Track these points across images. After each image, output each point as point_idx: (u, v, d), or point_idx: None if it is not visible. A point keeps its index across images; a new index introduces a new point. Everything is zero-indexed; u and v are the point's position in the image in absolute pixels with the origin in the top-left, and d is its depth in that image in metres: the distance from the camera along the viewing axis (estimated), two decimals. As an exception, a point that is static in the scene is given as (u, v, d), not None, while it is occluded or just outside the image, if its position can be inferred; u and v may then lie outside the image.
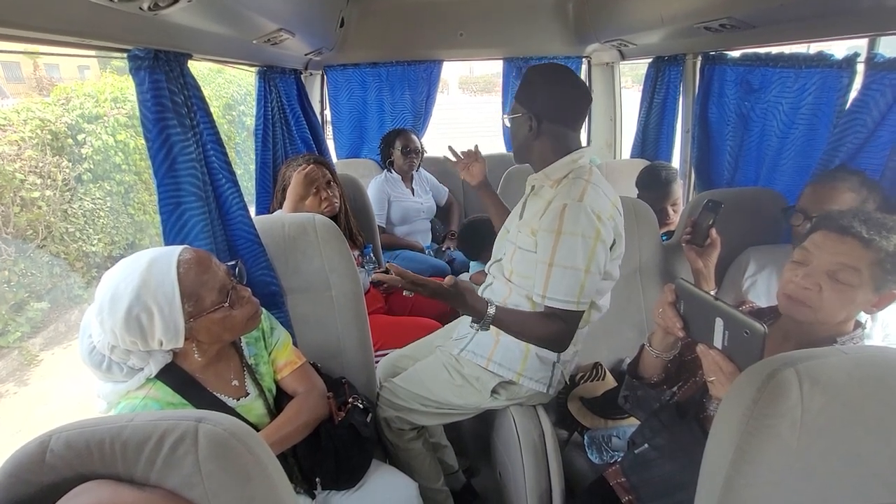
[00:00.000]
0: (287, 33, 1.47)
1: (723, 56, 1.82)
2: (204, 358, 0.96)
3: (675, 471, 0.93)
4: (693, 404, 0.95)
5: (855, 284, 0.82)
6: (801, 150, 1.51)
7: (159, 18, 0.87)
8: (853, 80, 1.32)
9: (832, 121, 1.37)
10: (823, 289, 0.84)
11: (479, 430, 1.71)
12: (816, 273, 0.85)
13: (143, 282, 0.84)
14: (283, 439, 1.02)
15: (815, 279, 0.85)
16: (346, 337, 1.37)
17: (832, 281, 0.83)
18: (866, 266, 0.81)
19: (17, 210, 3.75)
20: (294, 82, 2.07)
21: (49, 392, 3.46)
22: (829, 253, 0.84)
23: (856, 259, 0.81)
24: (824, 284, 0.84)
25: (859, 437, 0.62)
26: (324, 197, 1.63)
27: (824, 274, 0.84)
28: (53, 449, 0.55)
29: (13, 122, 3.83)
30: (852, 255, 0.82)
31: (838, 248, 0.83)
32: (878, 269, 0.80)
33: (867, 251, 0.81)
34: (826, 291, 0.84)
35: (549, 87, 1.14)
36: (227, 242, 1.23)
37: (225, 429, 0.56)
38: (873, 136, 1.23)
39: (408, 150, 2.47)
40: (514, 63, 2.69)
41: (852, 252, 0.82)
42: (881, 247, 0.80)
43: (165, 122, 1.01)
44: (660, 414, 0.98)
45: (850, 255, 0.82)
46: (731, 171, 1.85)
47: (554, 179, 1.16)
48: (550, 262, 1.07)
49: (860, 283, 0.81)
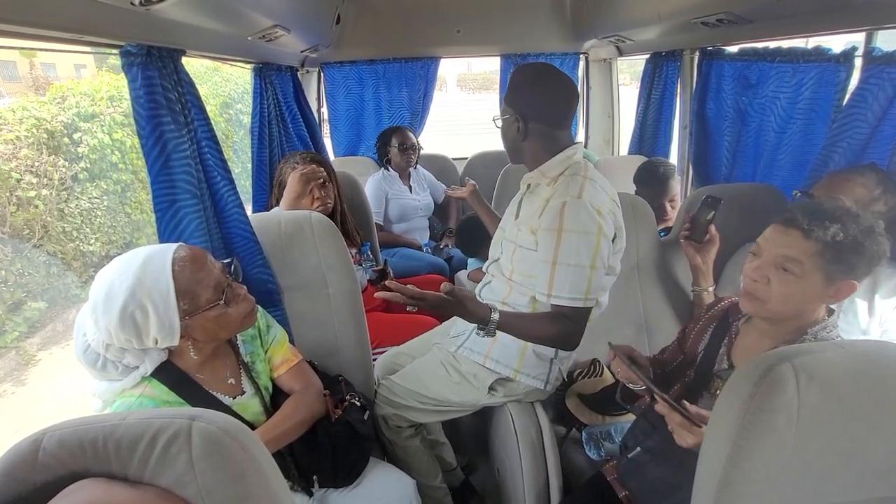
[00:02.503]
0: (282, 30, 1.46)
1: (720, 51, 1.82)
2: (200, 356, 0.96)
3: (669, 472, 0.93)
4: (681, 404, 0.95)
5: (799, 275, 0.83)
6: (799, 145, 1.51)
7: (151, 14, 0.87)
8: (851, 74, 1.32)
9: (830, 115, 1.37)
10: (771, 281, 0.86)
11: (476, 426, 1.72)
12: (765, 266, 0.87)
13: (138, 279, 0.83)
14: (280, 437, 1.02)
15: (764, 272, 0.87)
16: (343, 334, 1.37)
17: (779, 272, 0.85)
18: (808, 257, 0.82)
19: (14, 209, 3.73)
20: (290, 80, 2.06)
21: (47, 392, 3.46)
22: (775, 245, 0.87)
23: (798, 251, 0.83)
24: (772, 277, 0.86)
25: (855, 431, 0.61)
26: (317, 196, 1.63)
27: (772, 266, 0.86)
28: (46, 447, 0.55)
29: (9, 121, 3.81)
30: (795, 247, 0.84)
31: (783, 241, 0.85)
32: (820, 259, 0.82)
33: (808, 242, 0.82)
34: (774, 284, 0.86)
35: (533, 87, 1.14)
36: (222, 240, 1.22)
37: (219, 427, 0.56)
38: (874, 130, 1.22)
39: (405, 147, 2.47)
40: (511, 60, 2.69)
41: (795, 244, 0.84)
42: (819, 237, 0.82)
43: (159, 119, 1.00)
44: (648, 415, 0.99)
45: (793, 246, 0.84)
46: (729, 166, 1.85)
47: (550, 177, 1.16)
48: (554, 261, 1.06)
49: (803, 273, 0.83)
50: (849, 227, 0.81)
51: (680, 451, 0.88)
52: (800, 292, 0.84)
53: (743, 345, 0.97)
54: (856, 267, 0.82)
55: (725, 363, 0.97)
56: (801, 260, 0.83)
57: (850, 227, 0.81)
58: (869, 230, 0.82)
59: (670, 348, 1.15)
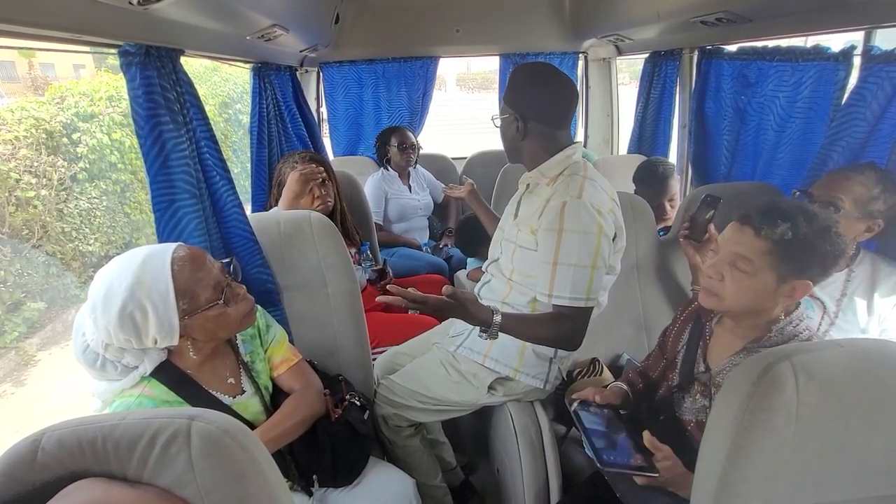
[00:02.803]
0: (281, 29, 1.46)
1: (719, 50, 1.82)
2: (199, 356, 0.96)
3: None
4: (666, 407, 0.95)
5: (749, 273, 0.84)
6: (798, 143, 1.51)
7: (150, 13, 0.87)
8: (850, 73, 1.32)
9: (829, 114, 1.37)
10: (725, 278, 0.87)
11: (476, 426, 1.72)
12: (720, 263, 0.89)
13: (137, 279, 0.83)
14: (280, 437, 1.02)
15: (719, 269, 0.89)
16: (342, 334, 1.36)
17: (732, 270, 0.86)
18: (758, 255, 0.83)
19: (13, 210, 3.73)
20: (289, 79, 2.06)
21: (46, 392, 3.45)
22: (729, 243, 0.88)
23: (748, 248, 0.84)
24: (726, 274, 0.87)
25: (854, 429, 0.62)
26: (317, 195, 1.63)
27: (726, 263, 0.87)
28: (45, 447, 0.55)
29: (7, 121, 3.81)
30: (746, 245, 0.85)
31: (737, 238, 0.87)
32: (770, 257, 0.83)
33: (758, 240, 0.83)
34: (727, 280, 0.87)
35: (533, 87, 1.13)
36: (221, 240, 1.22)
37: (218, 426, 0.56)
38: (873, 129, 1.22)
39: (404, 147, 2.47)
40: (510, 59, 2.68)
41: (747, 242, 0.85)
42: (769, 236, 0.82)
43: (158, 119, 1.00)
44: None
45: (744, 244, 0.85)
46: (728, 165, 1.85)
47: (549, 177, 1.15)
48: (555, 261, 1.06)
49: (754, 271, 0.84)
50: (800, 227, 0.81)
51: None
52: (751, 289, 0.85)
53: (716, 346, 0.98)
54: (809, 267, 0.83)
55: (702, 366, 0.98)
56: (752, 258, 0.84)
57: (802, 226, 0.81)
58: (823, 230, 0.82)
59: (653, 353, 1.15)
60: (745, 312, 0.90)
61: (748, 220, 0.86)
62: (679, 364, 1.02)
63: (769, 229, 0.83)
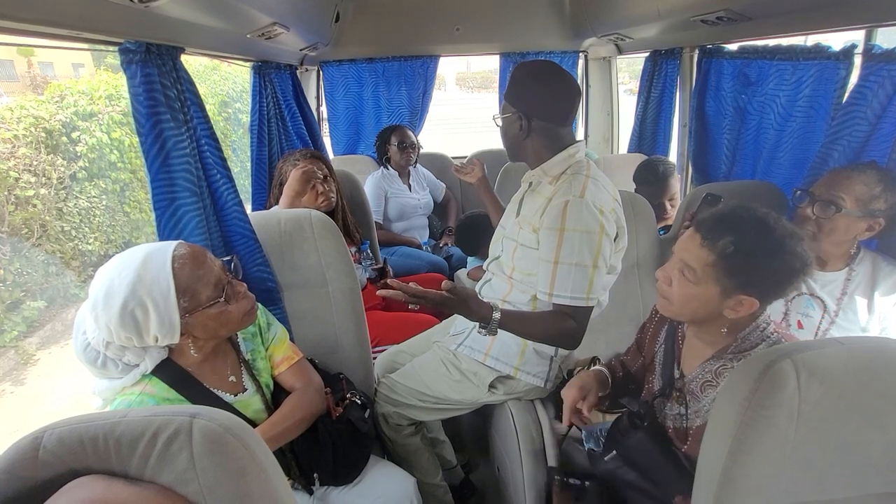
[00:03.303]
0: (281, 27, 1.45)
1: (720, 49, 1.82)
2: (200, 354, 0.96)
3: (637, 479, 0.94)
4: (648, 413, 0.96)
5: (692, 281, 0.84)
6: (799, 142, 1.51)
7: (150, 11, 0.86)
8: (850, 72, 1.32)
9: (830, 113, 1.37)
10: (673, 283, 0.87)
11: (477, 424, 1.72)
12: (670, 267, 0.89)
13: (138, 277, 0.83)
14: (280, 435, 1.02)
15: (668, 273, 0.89)
16: (343, 333, 1.36)
17: (679, 276, 0.86)
18: (701, 266, 0.82)
19: (12, 208, 3.72)
20: (289, 78, 2.05)
21: (46, 391, 3.45)
22: (679, 248, 0.88)
23: (693, 257, 0.84)
24: (674, 279, 0.87)
25: (856, 427, 0.62)
26: (320, 191, 1.62)
27: (676, 269, 0.87)
28: (46, 445, 0.54)
29: (6, 120, 3.80)
30: (691, 253, 0.84)
31: (685, 245, 0.86)
32: (713, 270, 0.81)
33: (702, 251, 0.82)
34: (674, 285, 0.87)
35: (537, 85, 1.13)
36: (222, 238, 1.22)
37: (220, 424, 0.56)
38: (874, 128, 1.22)
39: (404, 146, 2.47)
40: (510, 58, 2.68)
41: (693, 250, 0.84)
42: (712, 248, 0.81)
43: (158, 117, 1.00)
44: (618, 423, 0.99)
45: (690, 252, 0.84)
46: (729, 164, 1.85)
47: (552, 176, 1.15)
48: (556, 260, 1.06)
49: (697, 280, 0.83)
50: (745, 241, 0.78)
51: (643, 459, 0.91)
52: (695, 298, 0.85)
53: (688, 351, 0.97)
54: (754, 284, 0.80)
55: (677, 371, 0.98)
56: (695, 268, 0.83)
57: (749, 240, 0.78)
58: (775, 247, 0.77)
59: (631, 349, 1.16)
60: (693, 318, 0.89)
61: (697, 230, 0.84)
62: (658, 367, 1.02)
63: (712, 241, 0.81)
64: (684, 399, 0.91)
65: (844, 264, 1.20)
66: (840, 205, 1.11)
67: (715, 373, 0.87)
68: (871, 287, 1.17)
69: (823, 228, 1.15)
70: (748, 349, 0.85)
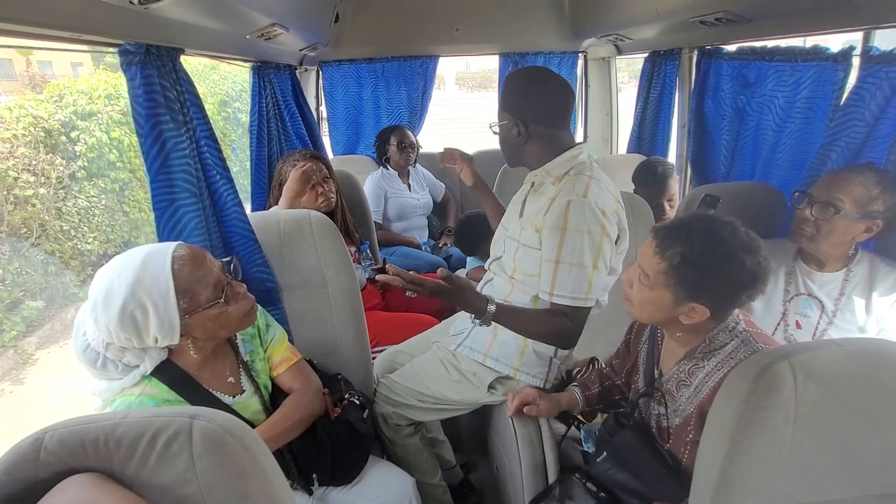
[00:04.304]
0: (281, 28, 1.46)
1: (719, 50, 1.82)
2: (199, 355, 0.96)
3: (628, 479, 0.95)
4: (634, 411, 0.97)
5: (647, 286, 0.86)
6: (797, 144, 1.51)
7: (150, 12, 0.86)
8: (849, 73, 1.32)
9: (828, 114, 1.37)
10: (633, 287, 0.89)
11: (476, 425, 1.72)
12: (632, 270, 0.91)
13: (138, 278, 0.83)
14: (279, 436, 1.02)
15: (630, 275, 0.91)
16: (342, 333, 1.37)
17: (637, 280, 0.88)
18: (654, 273, 0.84)
19: (11, 208, 3.72)
20: (289, 78, 2.05)
21: (46, 391, 3.45)
22: (639, 254, 0.89)
23: (647, 264, 0.85)
24: (634, 282, 0.89)
25: (852, 428, 0.62)
26: (320, 192, 1.63)
27: (636, 273, 0.89)
28: (47, 446, 0.55)
29: (5, 120, 3.80)
30: (647, 260, 0.86)
31: (644, 251, 0.88)
32: (664, 277, 0.82)
33: (654, 258, 0.84)
34: (634, 290, 0.89)
35: (531, 90, 1.14)
36: (221, 239, 1.22)
37: (219, 425, 0.56)
38: (872, 129, 1.23)
39: (403, 146, 2.47)
40: (510, 58, 2.68)
41: (648, 258, 0.86)
42: (662, 257, 0.82)
43: (158, 118, 1.00)
44: (607, 423, 1.00)
45: (646, 258, 0.86)
46: (727, 165, 1.85)
47: (555, 176, 1.16)
48: (557, 260, 1.07)
49: (651, 286, 0.85)
50: (692, 253, 0.79)
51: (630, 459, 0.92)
52: (651, 303, 0.86)
53: (665, 351, 0.99)
54: (705, 294, 0.80)
55: (657, 371, 0.98)
56: (649, 274, 0.85)
57: (695, 252, 0.79)
58: (721, 261, 0.78)
59: (621, 349, 1.17)
60: (655, 321, 0.92)
61: (655, 235, 0.86)
62: (641, 367, 1.04)
63: (662, 249, 0.82)
64: (664, 398, 0.93)
65: (842, 265, 1.20)
66: (838, 206, 1.12)
67: (688, 372, 0.89)
68: (869, 288, 1.17)
69: (822, 230, 1.16)
70: (717, 349, 0.86)
